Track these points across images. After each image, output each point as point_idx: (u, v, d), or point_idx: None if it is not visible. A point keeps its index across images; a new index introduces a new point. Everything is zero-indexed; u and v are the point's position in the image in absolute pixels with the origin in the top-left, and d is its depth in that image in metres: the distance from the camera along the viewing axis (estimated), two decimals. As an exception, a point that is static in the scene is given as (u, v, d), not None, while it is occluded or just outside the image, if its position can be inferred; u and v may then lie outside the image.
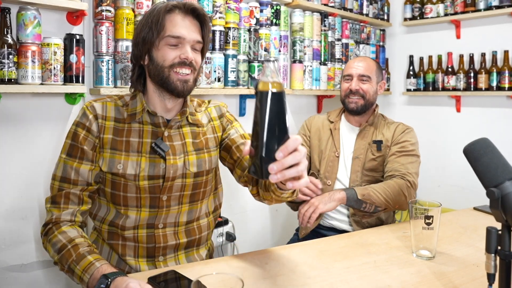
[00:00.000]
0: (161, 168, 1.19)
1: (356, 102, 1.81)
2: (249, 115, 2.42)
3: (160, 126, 1.21)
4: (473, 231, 1.48)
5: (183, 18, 1.17)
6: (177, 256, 1.26)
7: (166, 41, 1.15)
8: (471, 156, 0.87)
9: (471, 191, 2.80)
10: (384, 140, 1.78)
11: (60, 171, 1.16)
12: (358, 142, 1.82)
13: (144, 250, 1.21)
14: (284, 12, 2.41)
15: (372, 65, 1.87)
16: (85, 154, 1.16)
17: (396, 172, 1.66)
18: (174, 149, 1.21)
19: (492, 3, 2.71)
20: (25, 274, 1.64)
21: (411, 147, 1.73)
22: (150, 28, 1.14)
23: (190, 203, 1.25)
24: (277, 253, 1.28)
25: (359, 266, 1.18)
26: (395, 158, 1.71)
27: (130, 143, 1.18)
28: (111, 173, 1.17)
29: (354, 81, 1.83)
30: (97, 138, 1.17)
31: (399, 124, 1.84)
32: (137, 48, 1.18)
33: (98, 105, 1.19)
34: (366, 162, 1.77)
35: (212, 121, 1.32)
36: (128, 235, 1.20)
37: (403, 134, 1.78)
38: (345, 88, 1.86)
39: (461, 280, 1.10)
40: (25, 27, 1.49)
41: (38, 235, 1.66)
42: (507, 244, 0.80)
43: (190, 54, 1.16)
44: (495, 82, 2.70)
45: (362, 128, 1.84)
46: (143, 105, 1.20)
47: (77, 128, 1.17)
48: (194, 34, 1.17)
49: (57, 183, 1.15)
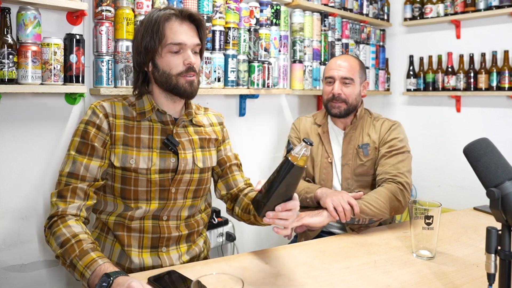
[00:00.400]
0: (171, 162, 1.26)
1: (339, 107, 1.73)
2: (249, 115, 2.42)
3: (169, 124, 1.29)
4: (473, 231, 1.48)
5: (181, 24, 1.24)
6: (179, 248, 1.30)
7: (168, 49, 1.22)
8: (471, 156, 0.87)
9: (471, 191, 2.80)
10: (371, 142, 1.72)
11: (68, 167, 1.18)
12: (345, 147, 1.75)
13: (148, 240, 1.25)
14: (284, 12, 2.41)
15: (355, 65, 1.77)
16: (95, 150, 1.20)
17: (387, 175, 1.60)
18: (183, 144, 1.29)
19: (492, 3, 2.72)
20: (25, 274, 1.64)
21: (400, 144, 1.68)
22: (151, 37, 1.21)
23: (193, 198, 1.32)
24: (277, 253, 1.28)
25: (359, 266, 1.18)
26: (385, 159, 1.66)
27: (141, 140, 1.24)
28: (123, 168, 1.22)
29: (336, 84, 1.74)
30: (108, 135, 1.22)
31: (385, 121, 1.77)
32: (140, 57, 1.25)
33: (107, 104, 1.25)
34: (356, 168, 1.71)
35: (213, 125, 1.41)
36: (134, 225, 1.24)
37: (390, 132, 1.72)
38: (327, 91, 1.77)
39: (461, 280, 1.10)
40: (25, 27, 1.49)
41: (39, 235, 1.67)
42: (507, 244, 0.80)
43: (193, 59, 1.24)
44: (495, 82, 2.70)
45: (347, 131, 1.77)
46: (152, 105, 1.27)
47: (87, 126, 1.21)
48: (194, 39, 1.25)
49: (64, 178, 1.18)
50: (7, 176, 1.59)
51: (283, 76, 2.45)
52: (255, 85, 2.24)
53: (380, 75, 3.16)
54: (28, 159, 1.64)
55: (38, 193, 1.67)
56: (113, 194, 1.25)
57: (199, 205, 1.35)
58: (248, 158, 2.38)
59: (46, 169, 1.68)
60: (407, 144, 1.71)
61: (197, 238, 1.37)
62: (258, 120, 2.49)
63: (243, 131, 2.40)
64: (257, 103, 2.48)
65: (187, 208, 1.31)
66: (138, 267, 1.22)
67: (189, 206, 1.31)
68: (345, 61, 1.77)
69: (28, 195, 1.64)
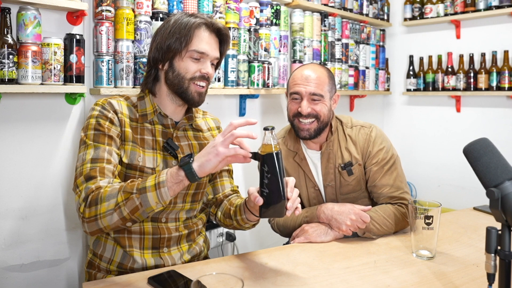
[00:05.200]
0: (173, 165, 1.26)
1: (309, 129, 1.51)
2: (249, 115, 2.42)
3: (169, 127, 1.29)
4: (473, 231, 1.48)
5: (209, 35, 1.26)
6: (180, 247, 1.30)
7: (190, 54, 1.23)
8: (471, 156, 0.87)
9: (471, 191, 2.80)
10: (353, 159, 1.55)
11: (90, 154, 1.14)
12: (324, 166, 1.57)
13: (149, 241, 1.25)
14: (284, 12, 2.41)
15: (323, 77, 1.53)
16: (112, 139, 1.19)
17: (392, 200, 1.50)
18: (182, 149, 1.30)
19: (492, 3, 2.72)
20: (25, 274, 1.64)
21: (387, 155, 1.54)
22: (177, 38, 1.22)
23: (191, 202, 1.32)
24: (277, 253, 1.28)
25: (359, 266, 1.18)
26: (379, 180, 1.52)
27: (145, 140, 1.25)
28: (129, 166, 1.21)
29: (304, 102, 1.50)
30: (120, 131, 1.22)
31: (360, 129, 1.59)
32: (159, 53, 1.24)
33: (114, 102, 1.25)
34: (340, 188, 1.57)
35: (210, 130, 1.42)
36: (134, 228, 1.23)
37: (370, 144, 1.55)
38: (293, 109, 1.54)
39: (461, 280, 1.10)
40: (25, 27, 1.49)
41: (39, 235, 1.66)
42: (507, 244, 0.80)
43: (210, 70, 1.26)
44: (495, 82, 2.70)
45: (323, 150, 1.57)
46: (154, 107, 1.28)
47: (98, 119, 1.19)
48: (216, 52, 1.28)
49: (88, 164, 1.12)
50: (7, 176, 1.59)
51: (283, 76, 2.45)
52: (255, 85, 2.24)
53: (380, 75, 3.16)
54: (28, 159, 1.64)
55: (38, 193, 1.67)
56: None
57: (197, 209, 1.36)
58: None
59: (47, 169, 1.68)
60: (391, 148, 1.57)
61: (197, 236, 1.37)
62: (258, 120, 2.49)
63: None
64: (257, 103, 2.48)
65: (185, 211, 1.31)
66: (141, 267, 1.22)
67: (187, 209, 1.31)
68: (313, 73, 1.53)
69: (28, 195, 1.64)
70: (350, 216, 1.38)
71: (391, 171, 1.53)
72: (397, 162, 1.56)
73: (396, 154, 1.58)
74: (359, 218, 1.38)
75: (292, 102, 1.56)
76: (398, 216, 1.45)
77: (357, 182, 1.56)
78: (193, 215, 1.35)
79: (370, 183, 1.55)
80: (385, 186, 1.52)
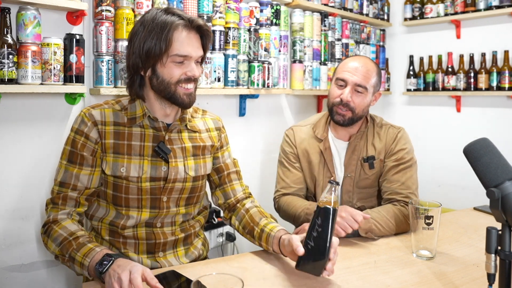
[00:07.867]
0: (162, 170, 1.22)
1: (344, 115, 1.55)
2: (249, 116, 2.42)
3: (161, 130, 1.24)
4: (473, 231, 1.48)
5: (188, 34, 1.17)
6: (176, 252, 1.29)
7: (172, 59, 1.16)
8: (471, 156, 0.87)
9: (471, 191, 2.80)
10: (376, 154, 1.59)
11: (60, 176, 1.19)
12: (348, 157, 1.60)
13: (144, 246, 1.24)
14: (284, 12, 2.41)
15: (372, 70, 1.57)
16: (84, 159, 1.19)
17: (398, 196, 1.51)
18: (175, 152, 1.24)
19: (492, 3, 2.72)
20: (25, 274, 1.64)
21: (407, 156, 1.57)
22: (156, 44, 1.13)
23: (186, 206, 1.30)
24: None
25: (359, 266, 1.18)
26: (392, 175, 1.55)
27: (132, 147, 1.21)
28: (114, 176, 1.20)
29: (347, 90, 1.54)
30: (97, 144, 1.19)
31: (389, 128, 1.63)
32: (139, 60, 1.16)
33: (96, 112, 1.20)
34: (359, 181, 1.59)
35: (209, 131, 1.35)
36: (128, 233, 1.23)
37: (396, 143, 1.59)
38: (335, 95, 1.58)
39: (461, 280, 1.10)
40: (25, 27, 1.49)
41: (38, 235, 1.66)
42: (507, 244, 0.80)
43: (196, 71, 1.19)
44: (495, 82, 2.70)
45: (352, 140, 1.61)
46: (144, 110, 1.22)
47: (75, 135, 1.19)
48: (199, 51, 1.20)
49: (56, 187, 1.19)
50: (7, 176, 1.59)
51: (283, 76, 2.45)
52: (255, 85, 2.24)
53: (380, 75, 3.16)
54: (28, 159, 1.64)
55: (38, 193, 1.67)
56: (106, 200, 1.24)
57: (194, 212, 1.33)
58: (248, 158, 2.38)
59: (46, 169, 1.68)
60: (413, 153, 1.61)
61: (195, 239, 1.35)
62: (258, 120, 2.49)
63: (243, 131, 2.40)
64: (257, 103, 2.47)
65: (181, 215, 1.29)
66: None
67: (183, 214, 1.29)
68: (363, 66, 1.56)
69: (28, 195, 1.64)
70: (340, 214, 1.31)
71: (406, 171, 1.55)
72: (413, 167, 1.58)
73: (415, 160, 1.61)
74: (349, 216, 1.31)
75: (335, 87, 1.60)
76: (401, 218, 1.45)
77: (375, 177, 1.60)
78: (190, 218, 1.33)
79: (383, 177, 1.59)
80: (395, 181, 1.54)
